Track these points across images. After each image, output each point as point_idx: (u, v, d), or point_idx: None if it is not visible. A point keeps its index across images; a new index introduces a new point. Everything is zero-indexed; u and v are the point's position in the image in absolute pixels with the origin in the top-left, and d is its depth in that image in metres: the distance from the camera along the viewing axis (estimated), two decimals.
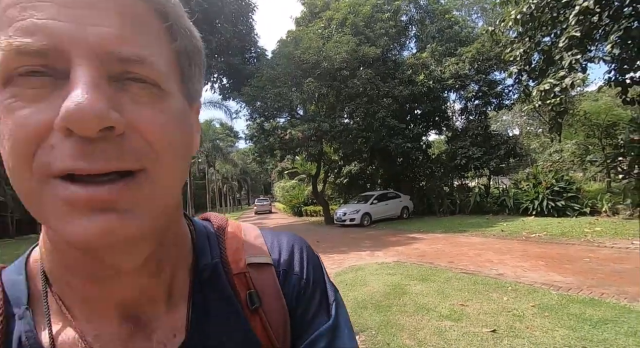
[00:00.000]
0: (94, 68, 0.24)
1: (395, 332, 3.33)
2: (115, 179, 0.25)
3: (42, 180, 0.24)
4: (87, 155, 0.24)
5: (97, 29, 0.24)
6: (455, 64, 13.95)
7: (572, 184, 11.06)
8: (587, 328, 3.06)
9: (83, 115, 0.22)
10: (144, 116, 0.26)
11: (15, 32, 0.23)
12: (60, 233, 0.25)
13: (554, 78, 9.11)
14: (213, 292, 0.37)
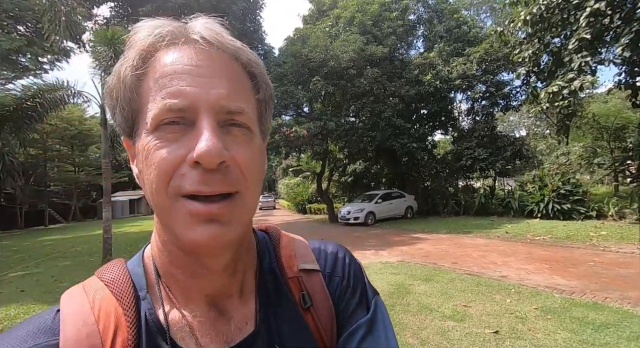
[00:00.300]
0: (213, 119, 0.34)
1: (398, 331, 3.38)
2: (221, 199, 0.34)
3: (173, 198, 0.34)
4: (207, 181, 0.33)
5: (215, 91, 0.35)
6: (463, 64, 13.88)
7: (579, 187, 10.98)
8: (589, 332, 3.09)
9: (210, 154, 0.32)
10: (240, 152, 0.36)
11: (165, 95, 0.34)
12: (182, 237, 0.35)
13: (563, 80, 9.04)
14: (274, 292, 0.45)
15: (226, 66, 0.37)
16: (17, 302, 5.16)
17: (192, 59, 0.35)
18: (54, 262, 8.75)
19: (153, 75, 0.35)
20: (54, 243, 13.03)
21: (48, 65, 14.73)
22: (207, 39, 0.36)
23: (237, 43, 0.39)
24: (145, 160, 0.35)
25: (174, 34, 0.36)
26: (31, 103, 6.62)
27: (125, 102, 0.37)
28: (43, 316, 0.38)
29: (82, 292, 0.39)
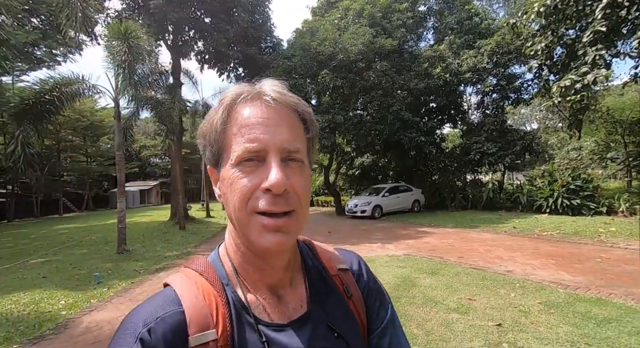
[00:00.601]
0: (278, 157, 0.47)
1: (404, 322, 3.49)
2: (283, 215, 0.46)
3: (250, 214, 0.47)
4: (275, 203, 0.46)
5: (279, 137, 0.47)
6: (474, 57, 13.67)
7: (589, 183, 10.87)
8: (591, 326, 3.17)
9: (277, 185, 0.45)
10: (296, 181, 0.48)
11: (246, 140, 0.47)
12: (255, 242, 0.47)
13: (576, 74, 8.87)
14: (321, 284, 0.59)
15: (287, 117, 0.50)
16: (40, 288, 5.44)
17: (263, 113, 0.48)
18: (71, 250, 9.08)
19: (236, 124, 0.48)
20: (70, 232, 13.45)
21: (61, 57, 14.97)
22: (274, 98, 0.49)
23: (295, 98, 0.52)
24: (230, 186, 0.48)
25: (250, 94, 0.49)
26: (49, 96, 6.82)
27: (215, 142, 0.50)
28: (163, 293, 0.50)
29: (185, 277, 0.52)
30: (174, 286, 0.50)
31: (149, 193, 38.77)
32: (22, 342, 3.54)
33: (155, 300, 0.48)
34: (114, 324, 3.91)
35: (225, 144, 0.49)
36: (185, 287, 0.49)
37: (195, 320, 0.45)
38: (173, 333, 0.44)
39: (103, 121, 30.84)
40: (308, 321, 0.53)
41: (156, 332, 0.43)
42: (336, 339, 0.53)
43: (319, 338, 0.51)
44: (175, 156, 14.01)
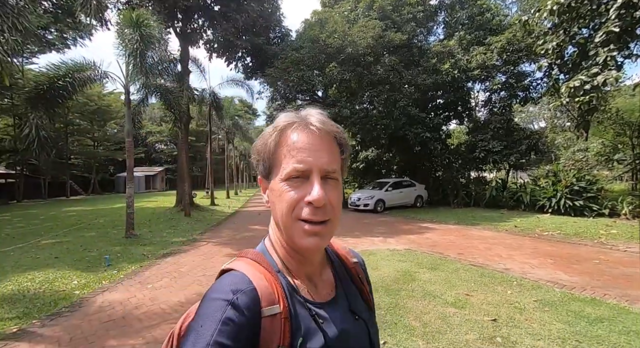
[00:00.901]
0: (319, 176, 0.57)
1: (402, 314, 3.64)
2: (321, 223, 0.57)
3: (294, 221, 0.58)
4: (315, 214, 0.57)
5: (321, 159, 0.58)
6: (483, 53, 13.55)
7: (593, 184, 10.86)
8: (583, 325, 3.29)
9: (319, 200, 0.55)
10: (333, 196, 0.59)
11: (294, 162, 0.57)
12: (297, 243, 0.59)
13: (586, 75, 8.81)
14: (343, 274, 0.73)
15: (328, 143, 0.60)
16: (54, 267, 5.65)
17: (309, 139, 0.59)
18: (80, 232, 9.32)
19: (286, 146, 0.59)
20: (78, 215, 13.74)
21: (71, 41, 15.04)
22: (318, 126, 0.59)
23: (334, 126, 0.62)
24: (279, 197, 0.59)
25: (299, 121, 0.60)
26: (62, 82, 6.95)
27: (267, 159, 0.61)
28: (234, 274, 0.59)
29: (247, 264, 0.62)
30: (242, 270, 0.60)
31: (154, 179, 39.19)
32: (41, 317, 3.74)
33: (230, 279, 0.58)
34: (126, 305, 4.10)
35: (276, 161, 0.60)
36: (250, 271, 0.59)
37: (265, 297, 0.56)
38: (253, 304, 0.54)
39: (110, 106, 31.05)
40: (336, 303, 0.65)
41: (242, 300, 0.53)
42: (356, 321, 0.65)
43: (345, 318, 0.64)
44: (182, 144, 14.15)
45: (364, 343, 0.65)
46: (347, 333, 0.62)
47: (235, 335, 0.50)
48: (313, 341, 0.56)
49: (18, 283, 4.83)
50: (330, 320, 0.61)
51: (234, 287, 0.55)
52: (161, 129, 40.90)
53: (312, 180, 0.57)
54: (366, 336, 0.66)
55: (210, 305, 0.53)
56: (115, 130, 35.24)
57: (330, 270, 0.71)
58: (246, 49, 16.50)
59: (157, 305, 4.09)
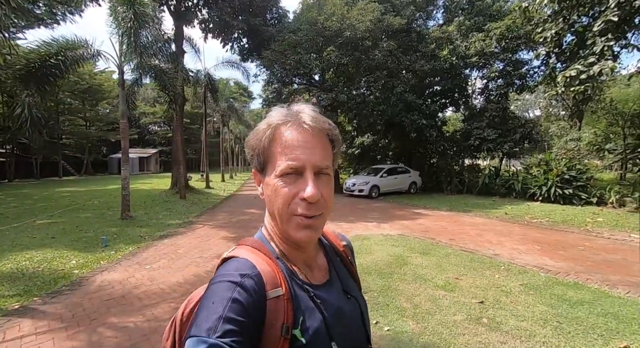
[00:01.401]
0: (312, 173, 0.61)
1: (394, 296, 3.79)
2: (314, 217, 0.61)
3: (290, 215, 0.61)
4: (309, 209, 0.60)
5: (314, 157, 0.61)
6: (482, 40, 13.43)
7: (583, 173, 11.08)
8: (565, 307, 3.46)
9: (312, 197, 0.59)
10: (325, 191, 0.62)
11: (289, 158, 0.60)
12: (292, 236, 0.63)
13: (582, 64, 8.83)
14: (335, 257, 0.78)
15: (320, 140, 0.63)
16: (51, 247, 5.70)
17: (302, 136, 0.61)
18: (76, 213, 9.32)
19: (280, 144, 0.61)
20: (72, 195, 13.68)
21: (60, 16, 14.52)
22: (311, 125, 0.62)
23: (326, 123, 0.64)
24: (274, 192, 0.62)
25: (292, 119, 0.63)
26: (54, 60, 6.78)
27: (262, 155, 0.64)
28: (236, 260, 0.63)
29: (248, 250, 0.66)
30: (245, 256, 0.63)
31: (148, 160, 38.86)
32: (41, 295, 3.82)
33: (236, 265, 0.62)
34: (125, 284, 4.20)
35: (270, 158, 0.63)
36: (253, 257, 0.63)
37: (269, 281, 0.59)
38: (259, 287, 0.57)
39: (102, 85, 30.36)
40: (331, 285, 0.70)
41: (249, 283, 0.57)
42: (349, 300, 0.71)
43: (339, 297, 0.69)
44: (177, 126, 13.99)
45: (357, 318, 0.70)
46: (342, 311, 0.67)
47: (244, 313, 0.53)
48: (313, 319, 0.61)
49: (16, 262, 4.89)
50: (327, 300, 0.65)
51: (240, 271, 0.59)
52: (155, 110, 40.26)
53: (306, 177, 0.60)
54: (358, 312, 0.71)
55: (220, 286, 0.56)
56: (107, 110, 34.58)
57: (323, 255, 0.75)
58: (242, 30, 16.10)
59: (156, 285, 4.19)
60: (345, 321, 0.66)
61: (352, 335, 0.67)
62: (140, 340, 2.90)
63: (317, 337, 0.59)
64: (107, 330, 3.08)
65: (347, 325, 0.66)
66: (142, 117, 41.99)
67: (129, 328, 3.11)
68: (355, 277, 0.79)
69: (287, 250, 0.67)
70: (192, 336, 0.50)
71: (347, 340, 0.64)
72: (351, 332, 0.67)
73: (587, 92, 9.41)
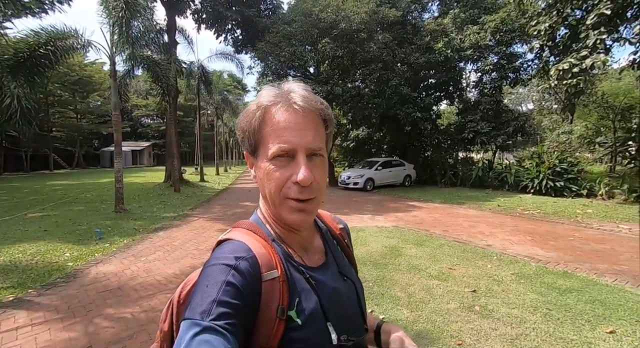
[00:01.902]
0: (304, 155, 0.59)
1: (389, 286, 3.85)
2: (308, 200, 0.60)
3: (282, 198, 0.61)
4: (302, 192, 0.59)
5: (306, 138, 0.59)
6: (477, 33, 13.43)
7: (574, 166, 11.26)
8: (554, 295, 3.56)
9: (305, 180, 0.57)
10: (319, 174, 0.61)
11: (279, 141, 0.58)
12: (285, 219, 0.62)
13: (575, 57, 8.90)
14: (331, 240, 0.78)
15: (312, 120, 0.61)
16: (44, 240, 5.66)
17: (293, 118, 0.59)
18: (68, 206, 9.24)
19: (270, 126, 0.60)
20: (64, 188, 13.52)
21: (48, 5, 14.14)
22: (302, 105, 0.60)
23: (318, 103, 0.62)
24: (267, 176, 0.61)
25: (282, 99, 0.60)
26: (44, 50, 6.62)
27: (252, 137, 0.62)
28: (232, 243, 0.62)
29: (244, 232, 0.65)
30: (240, 239, 0.62)
31: (141, 154, 38.44)
32: (36, 287, 3.81)
33: (231, 247, 0.61)
34: (121, 276, 4.20)
35: (261, 140, 0.61)
36: (248, 240, 0.62)
37: (264, 263, 0.59)
38: (254, 270, 0.57)
39: (92, 77, 29.80)
40: (327, 267, 0.70)
41: (244, 265, 0.56)
42: (345, 281, 0.71)
43: (335, 279, 0.69)
44: (171, 119, 13.84)
45: (353, 299, 0.71)
46: (338, 293, 0.67)
47: (238, 296, 0.52)
48: (308, 300, 0.60)
49: (9, 255, 4.85)
50: (322, 282, 0.65)
51: (235, 253, 0.58)
52: (147, 103, 39.66)
53: (298, 160, 0.58)
54: (354, 294, 0.72)
55: (214, 269, 0.55)
56: (99, 102, 34.02)
57: (320, 237, 0.75)
58: (236, 21, 15.87)
59: (152, 276, 4.20)
60: (341, 302, 0.66)
61: (348, 316, 0.67)
62: (137, 330, 2.91)
63: (312, 317, 0.59)
64: (103, 320, 3.08)
65: (342, 306, 0.67)
66: (135, 109, 41.35)
67: (126, 318, 3.12)
68: (351, 260, 0.80)
69: (282, 232, 0.67)
70: (186, 319, 0.50)
71: (343, 321, 0.64)
72: (347, 313, 0.67)
73: (580, 86, 9.49)
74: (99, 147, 37.54)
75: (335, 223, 0.82)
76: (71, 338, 2.80)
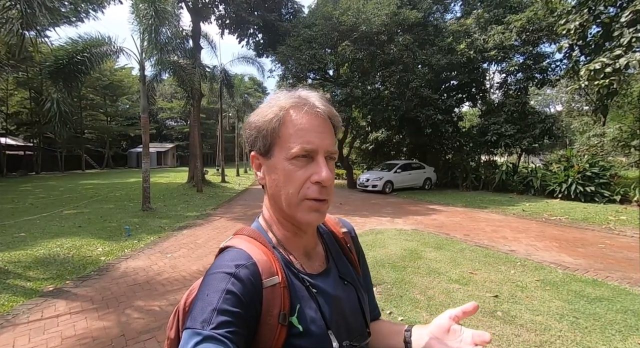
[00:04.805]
0: (323, 157, 0.61)
1: (408, 288, 3.84)
2: (323, 201, 0.61)
3: (301, 199, 0.60)
4: (321, 193, 0.60)
5: (325, 141, 0.61)
6: (501, 33, 13.09)
7: (606, 170, 10.73)
8: (582, 303, 3.43)
9: (325, 179, 0.59)
10: (333, 177, 0.62)
11: (303, 142, 0.59)
12: (302, 219, 0.61)
13: (608, 57, 8.53)
14: (333, 245, 0.77)
15: (329, 126, 0.64)
16: (79, 236, 6.01)
17: (316, 121, 0.61)
18: (99, 204, 9.72)
19: (292, 126, 0.61)
20: (95, 187, 14.22)
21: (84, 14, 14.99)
22: (323, 109, 0.62)
23: (333, 110, 0.65)
24: (286, 176, 0.61)
25: (304, 102, 0.62)
26: (80, 57, 7.07)
27: (270, 136, 0.62)
28: (233, 251, 0.62)
29: (244, 239, 0.65)
30: (240, 246, 0.63)
31: (165, 155, 39.78)
32: (72, 279, 4.07)
33: (232, 255, 0.61)
34: (148, 271, 4.40)
35: (280, 140, 0.61)
36: (249, 247, 0.62)
37: (264, 270, 0.59)
38: (254, 277, 0.57)
39: (122, 81, 31.19)
40: (328, 274, 0.69)
41: (244, 273, 0.56)
42: (345, 286, 0.70)
43: (337, 286, 0.68)
44: (194, 121, 14.28)
45: (355, 305, 0.70)
46: (339, 300, 0.66)
47: (239, 304, 0.53)
48: (309, 308, 0.61)
49: (48, 249, 5.19)
50: (323, 289, 0.64)
51: (235, 261, 0.58)
52: (172, 106, 41.09)
53: (318, 161, 0.60)
54: (355, 299, 0.71)
55: (215, 277, 0.56)
56: (127, 105, 35.58)
57: (322, 242, 0.75)
58: (258, 26, 16.22)
59: (177, 272, 4.38)
60: (342, 310, 0.66)
61: (350, 323, 0.67)
62: (165, 322, 3.06)
63: (313, 325, 0.60)
64: (134, 312, 3.26)
65: (344, 314, 0.66)
66: (160, 112, 42.93)
67: (155, 311, 3.28)
68: (354, 264, 0.78)
69: (285, 237, 0.67)
70: (187, 328, 0.50)
71: (344, 328, 0.65)
72: (349, 320, 0.67)
73: (613, 86, 9.07)
74: (126, 148, 39.17)
75: (338, 227, 0.81)
76: (105, 327, 2.99)
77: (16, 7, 5.41)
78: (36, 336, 2.86)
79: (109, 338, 2.82)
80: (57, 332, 2.91)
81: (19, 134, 27.86)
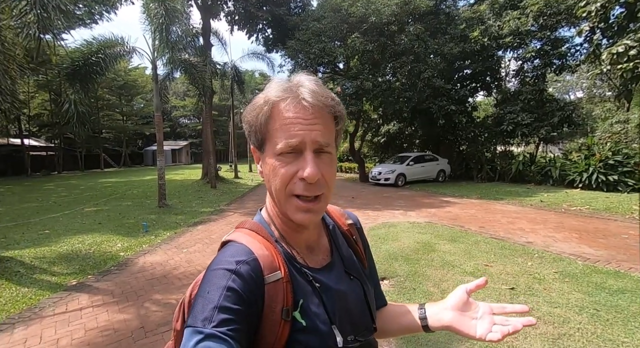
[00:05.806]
0: (312, 151, 0.57)
1: (421, 281, 3.81)
2: (313, 198, 0.58)
3: (288, 196, 0.59)
4: (308, 189, 0.57)
5: (314, 133, 0.56)
6: (517, 18, 12.63)
7: (631, 158, 10.30)
8: (604, 295, 3.33)
9: (312, 177, 0.55)
10: (326, 170, 0.59)
11: (287, 136, 0.56)
12: (291, 217, 0.60)
13: (632, 39, 8.13)
14: (337, 236, 0.75)
15: (320, 115, 0.58)
16: (99, 232, 6.23)
17: (302, 113, 0.57)
18: (118, 201, 10.02)
19: (278, 120, 0.58)
20: (113, 186, 14.64)
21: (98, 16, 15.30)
22: (311, 102, 0.57)
23: (328, 98, 0.59)
24: (273, 172, 0.59)
25: (290, 94, 0.58)
26: (95, 58, 7.25)
27: (259, 132, 0.60)
28: (234, 246, 0.61)
29: (246, 235, 0.64)
30: (242, 241, 0.61)
31: (179, 152, 40.51)
32: (94, 273, 4.23)
33: (232, 250, 0.60)
34: (165, 266, 4.52)
35: (268, 135, 0.59)
36: (250, 242, 0.61)
37: (266, 265, 0.58)
38: (256, 273, 0.56)
39: (136, 81, 31.80)
40: (333, 267, 0.68)
41: (245, 270, 0.55)
42: (351, 280, 0.69)
43: (341, 279, 0.67)
44: (207, 118, 14.46)
45: (360, 300, 0.68)
46: (343, 294, 0.65)
47: (240, 301, 0.52)
48: (312, 303, 0.60)
49: (71, 245, 5.40)
50: (326, 283, 0.63)
51: (236, 257, 0.57)
52: (185, 104, 41.68)
53: (305, 156, 0.57)
54: (361, 293, 0.69)
55: (215, 274, 0.55)
56: (142, 104, 36.30)
57: (326, 234, 0.73)
58: (267, 21, 16.20)
59: (193, 267, 4.48)
60: (346, 304, 0.65)
61: (355, 316, 0.66)
62: None
63: (317, 320, 0.59)
64: (152, 305, 3.36)
65: (348, 308, 0.65)
66: (173, 110, 43.64)
67: (172, 304, 3.38)
68: (360, 256, 0.76)
69: (287, 231, 0.65)
70: (188, 326, 0.50)
71: (349, 322, 0.64)
72: (353, 314, 0.66)
73: (637, 70, 8.66)
74: (142, 147, 40.08)
75: (343, 219, 0.80)
76: (126, 319, 3.10)
77: (32, 11, 5.56)
78: (62, 328, 3.00)
79: (129, 330, 2.92)
80: (80, 324, 3.04)
81: (41, 135, 28.91)
